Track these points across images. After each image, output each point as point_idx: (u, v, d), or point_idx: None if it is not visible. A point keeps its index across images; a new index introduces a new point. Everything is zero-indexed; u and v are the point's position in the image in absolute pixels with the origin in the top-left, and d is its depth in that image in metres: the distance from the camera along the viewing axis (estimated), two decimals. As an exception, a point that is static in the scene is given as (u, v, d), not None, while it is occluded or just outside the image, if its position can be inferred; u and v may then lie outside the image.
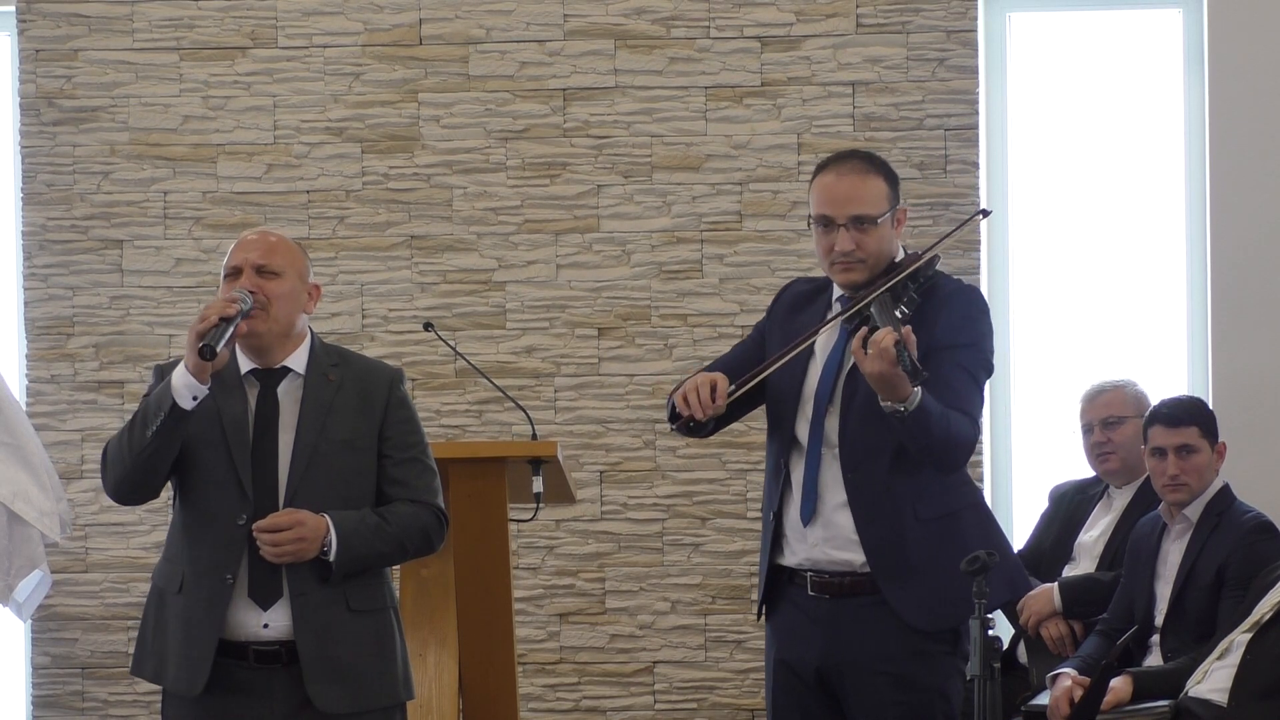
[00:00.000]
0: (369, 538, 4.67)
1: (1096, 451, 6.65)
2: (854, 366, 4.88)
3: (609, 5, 7.32)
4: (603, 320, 7.31)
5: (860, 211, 4.92)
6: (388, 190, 7.36)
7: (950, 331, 4.90)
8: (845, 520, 4.92)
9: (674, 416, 4.92)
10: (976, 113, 7.23)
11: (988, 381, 5.02)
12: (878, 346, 4.66)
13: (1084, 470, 6.82)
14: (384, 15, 7.37)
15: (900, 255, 5.01)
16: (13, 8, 7.44)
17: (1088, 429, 6.69)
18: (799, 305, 5.11)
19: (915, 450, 4.82)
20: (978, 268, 7.20)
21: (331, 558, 4.63)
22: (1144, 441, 6.35)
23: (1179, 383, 7.18)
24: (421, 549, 4.80)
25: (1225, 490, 6.30)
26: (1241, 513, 6.25)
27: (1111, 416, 6.62)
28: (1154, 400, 6.53)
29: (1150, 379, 6.87)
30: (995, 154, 7.33)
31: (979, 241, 7.22)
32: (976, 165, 7.23)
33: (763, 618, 5.11)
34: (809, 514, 4.94)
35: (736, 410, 5.11)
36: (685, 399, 4.88)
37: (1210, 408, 6.49)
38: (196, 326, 4.56)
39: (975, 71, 7.24)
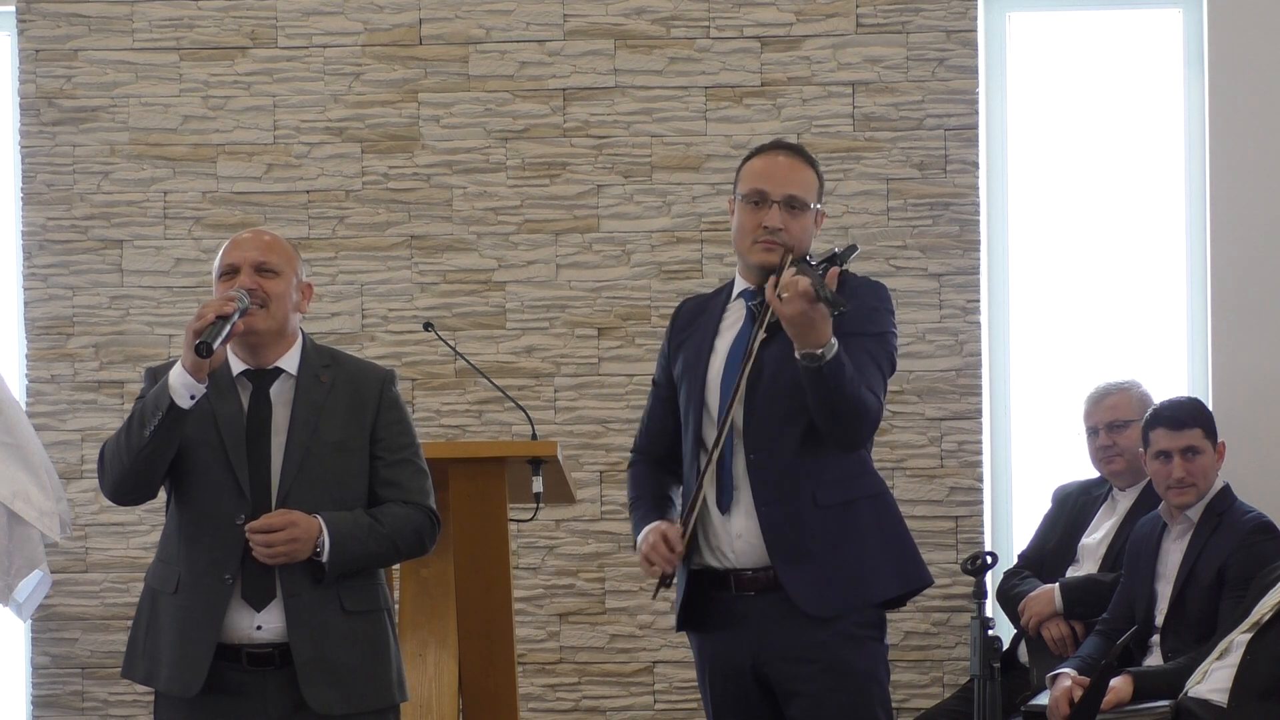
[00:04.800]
0: (362, 539, 4.66)
1: (1102, 455, 6.65)
2: (759, 352, 4.88)
3: (609, 5, 7.32)
4: (603, 320, 7.31)
5: (795, 192, 4.98)
6: (388, 190, 7.36)
7: (857, 320, 4.91)
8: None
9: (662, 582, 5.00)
10: (976, 113, 7.23)
11: (893, 375, 5.05)
12: (794, 287, 4.67)
13: (1085, 470, 6.82)
14: (384, 15, 7.37)
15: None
16: (13, 8, 7.44)
17: (1093, 432, 6.68)
18: (694, 316, 5.13)
19: (823, 414, 4.81)
20: (977, 268, 7.19)
21: (325, 558, 4.62)
22: (1144, 445, 6.35)
23: (1179, 383, 7.17)
24: (414, 550, 4.79)
25: (1226, 490, 6.30)
26: (1242, 513, 6.25)
27: (1117, 420, 6.62)
28: (1157, 401, 6.52)
29: (1150, 379, 6.87)
30: (995, 154, 7.32)
31: (979, 241, 7.21)
32: (976, 165, 7.22)
33: (682, 631, 5.15)
34: (726, 504, 4.95)
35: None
36: (649, 563, 4.97)
37: (1209, 407, 6.49)
38: (193, 325, 4.55)
39: (975, 71, 7.24)
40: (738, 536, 4.95)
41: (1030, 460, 7.33)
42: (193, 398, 4.57)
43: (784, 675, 4.92)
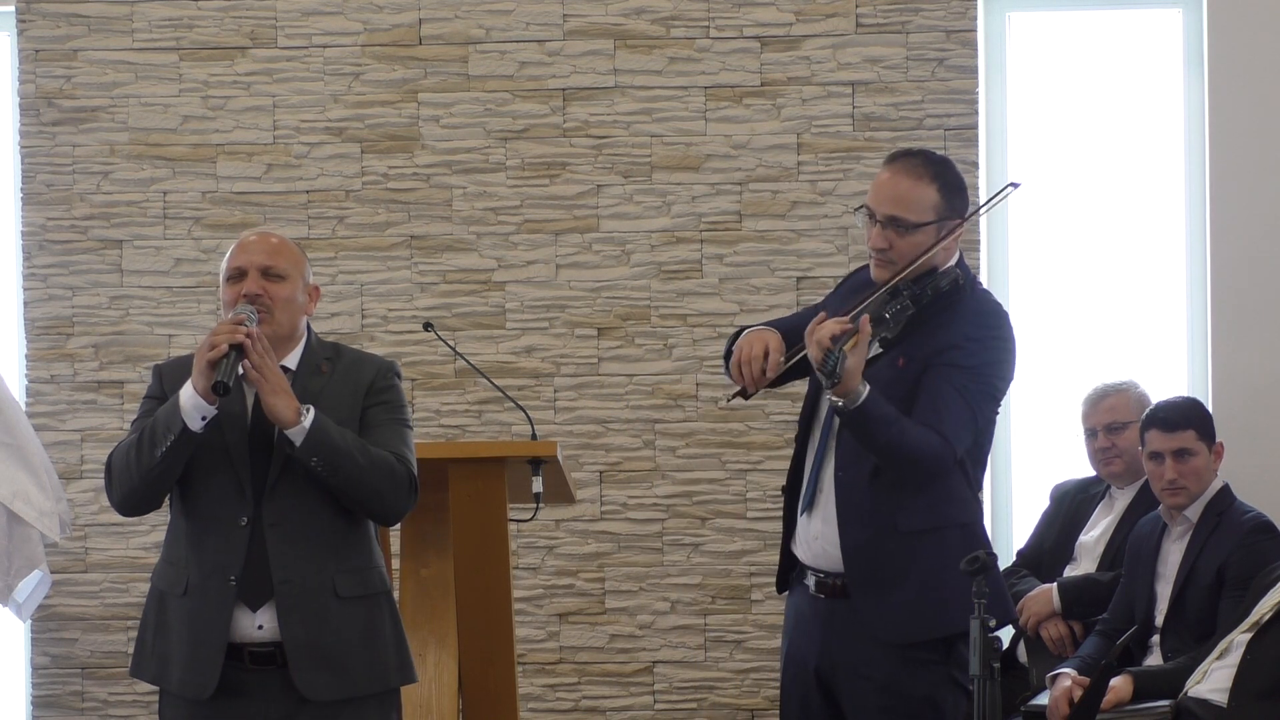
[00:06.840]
0: (344, 434, 4.62)
1: (1100, 456, 6.65)
2: (870, 363, 4.83)
3: (609, 5, 7.32)
4: (602, 320, 7.31)
5: (896, 213, 4.89)
6: (387, 190, 7.36)
7: (954, 349, 4.85)
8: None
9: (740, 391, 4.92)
10: (976, 113, 7.23)
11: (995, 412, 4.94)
12: (813, 336, 4.67)
13: (1084, 471, 6.82)
14: (384, 15, 7.37)
15: (947, 266, 4.94)
16: (13, 8, 7.44)
17: (1091, 433, 6.68)
18: (858, 289, 5.04)
19: (866, 451, 4.79)
20: (977, 268, 7.19)
21: (306, 422, 4.56)
22: (1141, 444, 6.35)
23: (1179, 383, 7.17)
24: (383, 486, 4.67)
25: (1225, 490, 6.30)
26: (1241, 513, 6.25)
27: (1115, 421, 6.61)
28: (1155, 401, 6.52)
29: (1150, 380, 6.87)
30: (995, 154, 7.32)
31: (979, 241, 7.21)
32: (976, 165, 7.22)
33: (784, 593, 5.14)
34: (808, 506, 4.96)
35: (785, 377, 5.06)
36: (740, 369, 4.87)
37: (1207, 408, 6.49)
38: (207, 354, 4.54)
39: (975, 71, 7.24)
40: (815, 538, 4.95)
41: (1029, 460, 7.33)
42: (204, 419, 4.59)
43: (842, 685, 4.93)
